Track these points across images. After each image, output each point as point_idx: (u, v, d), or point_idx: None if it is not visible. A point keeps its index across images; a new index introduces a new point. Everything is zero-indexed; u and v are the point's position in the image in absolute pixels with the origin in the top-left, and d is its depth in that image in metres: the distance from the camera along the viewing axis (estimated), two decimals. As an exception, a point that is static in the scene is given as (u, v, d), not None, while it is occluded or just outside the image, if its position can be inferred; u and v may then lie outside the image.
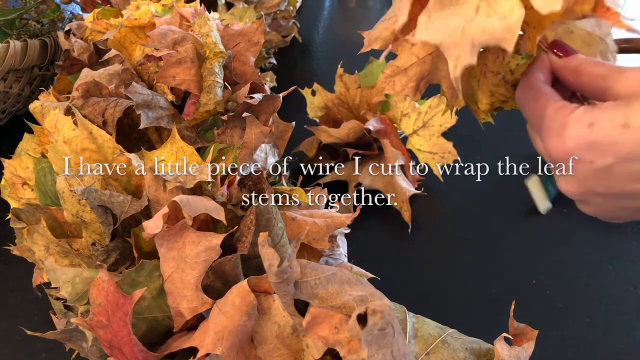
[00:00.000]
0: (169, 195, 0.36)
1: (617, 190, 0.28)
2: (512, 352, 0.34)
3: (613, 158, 0.27)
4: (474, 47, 0.27)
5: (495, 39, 0.26)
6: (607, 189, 0.28)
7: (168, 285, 0.33)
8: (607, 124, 0.27)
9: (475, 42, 0.27)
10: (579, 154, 0.28)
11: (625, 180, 0.28)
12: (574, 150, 0.28)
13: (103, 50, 0.53)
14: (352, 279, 0.30)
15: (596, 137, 0.27)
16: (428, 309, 0.50)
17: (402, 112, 0.61)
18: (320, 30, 1.04)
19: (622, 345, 0.46)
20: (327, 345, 0.28)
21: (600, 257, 0.54)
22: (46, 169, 0.42)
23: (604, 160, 0.27)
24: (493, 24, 0.27)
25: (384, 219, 0.60)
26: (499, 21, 0.27)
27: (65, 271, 0.35)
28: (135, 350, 0.31)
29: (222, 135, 0.46)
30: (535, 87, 0.31)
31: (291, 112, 0.59)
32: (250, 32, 0.53)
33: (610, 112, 0.27)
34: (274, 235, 0.36)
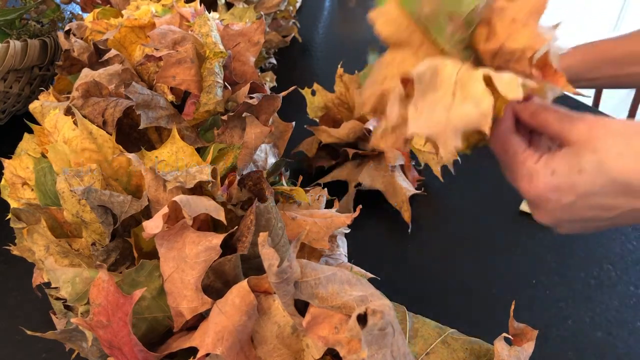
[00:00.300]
0: (169, 195, 0.36)
1: (580, 217, 0.36)
2: (512, 352, 0.34)
3: (574, 196, 0.34)
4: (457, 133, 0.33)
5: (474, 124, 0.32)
6: (573, 217, 0.36)
7: (168, 285, 0.33)
8: (566, 171, 0.34)
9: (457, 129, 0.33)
10: (547, 195, 0.35)
11: (585, 210, 0.35)
12: (543, 193, 0.35)
13: (103, 50, 0.53)
14: (352, 279, 0.30)
15: (559, 182, 0.34)
16: (428, 309, 0.50)
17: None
18: (320, 30, 1.04)
19: (623, 345, 0.46)
20: (327, 345, 0.28)
21: (600, 257, 0.54)
22: (46, 169, 0.42)
23: (567, 198, 0.35)
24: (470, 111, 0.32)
25: (384, 219, 0.60)
26: (474, 108, 0.32)
27: (65, 271, 0.35)
28: (135, 350, 0.31)
29: (222, 135, 0.46)
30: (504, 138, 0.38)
31: (291, 112, 0.59)
32: (250, 32, 0.53)
33: (568, 160, 0.34)
34: (274, 235, 0.36)
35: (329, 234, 0.41)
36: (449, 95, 0.34)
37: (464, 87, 0.34)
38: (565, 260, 0.54)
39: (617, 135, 0.33)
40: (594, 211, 0.35)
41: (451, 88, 0.34)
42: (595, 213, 0.35)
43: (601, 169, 0.33)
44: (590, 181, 0.33)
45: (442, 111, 0.34)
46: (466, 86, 0.34)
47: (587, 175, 0.33)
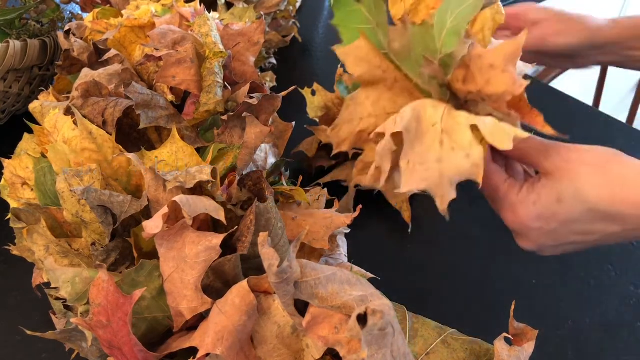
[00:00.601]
0: (169, 195, 0.36)
1: (563, 242, 0.38)
2: (512, 352, 0.34)
3: (556, 224, 0.36)
4: (452, 185, 0.33)
5: (468, 175, 0.33)
6: (556, 242, 0.38)
7: (168, 285, 0.33)
8: (546, 200, 0.36)
9: (452, 181, 0.33)
10: (530, 225, 0.37)
11: (567, 235, 0.37)
12: (526, 223, 0.37)
13: (103, 50, 0.53)
14: (352, 279, 0.30)
15: (540, 211, 0.36)
16: (428, 309, 0.50)
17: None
18: (320, 30, 1.04)
19: (623, 345, 0.46)
20: (327, 345, 0.28)
21: (601, 257, 0.54)
22: (46, 169, 0.42)
23: (550, 226, 0.37)
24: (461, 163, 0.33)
25: (384, 219, 0.60)
26: (465, 160, 0.33)
27: (65, 271, 0.35)
28: (135, 350, 0.31)
29: (222, 135, 0.46)
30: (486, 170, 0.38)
31: (291, 112, 0.59)
32: (250, 32, 0.53)
33: (547, 190, 0.36)
34: (274, 235, 0.36)
35: (329, 234, 0.41)
36: (437, 144, 0.34)
37: (451, 136, 0.34)
38: (565, 260, 0.54)
39: (590, 165, 0.35)
40: (575, 236, 0.37)
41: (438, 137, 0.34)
42: (577, 237, 0.37)
43: (578, 198, 0.34)
44: (569, 210, 0.35)
45: (434, 163, 0.34)
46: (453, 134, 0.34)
47: (566, 205, 0.35)
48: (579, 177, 0.35)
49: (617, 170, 0.34)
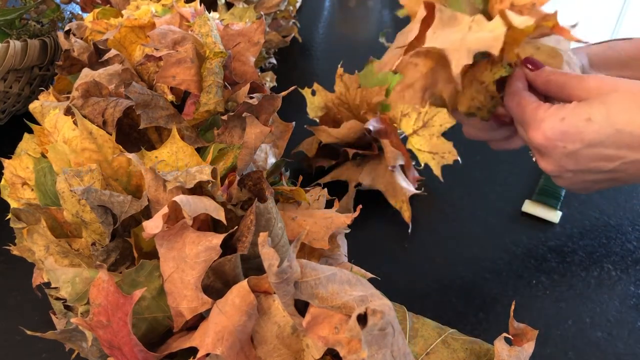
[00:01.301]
0: (169, 195, 0.36)
1: (583, 167, 0.37)
2: (512, 352, 0.34)
3: (580, 144, 0.36)
4: (470, 52, 0.35)
5: (486, 46, 0.35)
6: (576, 166, 0.38)
7: (168, 285, 0.33)
8: (575, 118, 0.36)
9: (471, 48, 0.35)
10: (554, 141, 0.37)
11: (589, 160, 0.37)
12: (551, 138, 0.37)
13: (103, 50, 0.53)
14: (352, 279, 0.30)
15: (567, 128, 0.36)
16: (428, 309, 0.50)
17: (402, 112, 0.61)
18: (320, 30, 1.04)
19: (623, 345, 0.46)
20: (327, 345, 0.28)
21: (600, 257, 0.54)
22: (46, 169, 0.42)
23: (573, 145, 0.36)
24: (484, 35, 0.36)
25: (384, 219, 0.60)
26: (488, 33, 0.36)
27: (65, 271, 0.35)
28: (135, 350, 0.31)
29: (222, 135, 0.46)
30: (517, 92, 0.41)
31: (291, 112, 0.59)
32: (250, 32, 0.53)
33: (577, 109, 0.36)
34: (274, 235, 0.36)
35: (329, 234, 0.41)
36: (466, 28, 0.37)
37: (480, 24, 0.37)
38: (565, 260, 0.54)
39: (625, 91, 0.35)
40: (597, 162, 0.37)
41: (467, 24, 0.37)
42: (598, 164, 0.37)
43: (609, 120, 0.35)
44: (597, 130, 0.35)
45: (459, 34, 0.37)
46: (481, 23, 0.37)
47: (595, 124, 0.35)
48: (612, 101, 0.35)
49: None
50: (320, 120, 0.67)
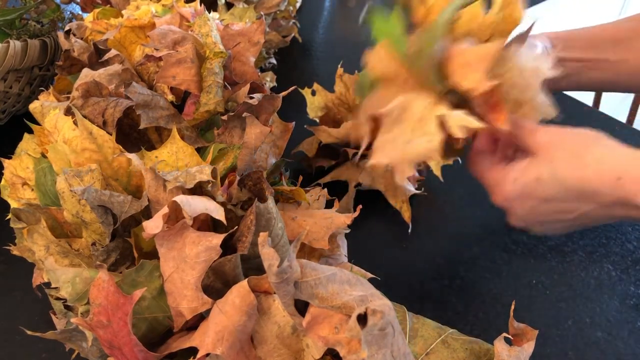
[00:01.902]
0: (169, 195, 0.36)
1: (547, 219, 0.40)
2: (512, 352, 0.34)
3: (536, 201, 0.39)
4: (411, 164, 0.39)
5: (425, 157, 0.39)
6: (539, 219, 0.40)
7: (168, 285, 0.33)
8: (526, 179, 0.38)
9: (411, 161, 0.39)
10: (511, 201, 0.40)
11: (549, 214, 0.39)
12: (508, 199, 0.40)
13: (103, 50, 0.53)
14: (352, 279, 0.30)
15: (520, 189, 0.39)
16: (428, 309, 0.50)
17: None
18: (320, 30, 1.04)
19: (623, 345, 0.46)
20: (327, 345, 0.28)
21: (600, 257, 0.54)
22: (46, 169, 0.42)
23: (529, 203, 0.39)
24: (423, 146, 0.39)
25: (384, 219, 0.60)
26: (427, 144, 0.39)
27: (65, 271, 0.35)
28: (135, 350, 0.31)
29: (222, 135, 0.46)
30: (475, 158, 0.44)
31: (291, 112, 0.59)
32: (250, 32, 0.53)
33: (527, 169, 0.38)
34: (274, 236, 0.36)
35: (329, 234, 0.41)
36: (409, 130, 0.40)
37: (423, 125, 0.40)
38: (565, 260, 0.54)
39: (569, 148, 0.37)
40: (556, 214, 0.39)
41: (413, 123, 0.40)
42: (557, 216, 0.39)
43: (556, 177, 0.37)
44: (547, 188, 0.37)
45: (401, 144, 0.40)
46: (425, 124, 0.40)
47: (544, 183, 0.37)
48: (558, 158, 0.37)
49: (593, 151, 0.36)
50: (320, 120, 0.67)
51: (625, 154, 0.35)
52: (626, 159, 0.35)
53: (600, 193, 0.36)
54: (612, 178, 0.35)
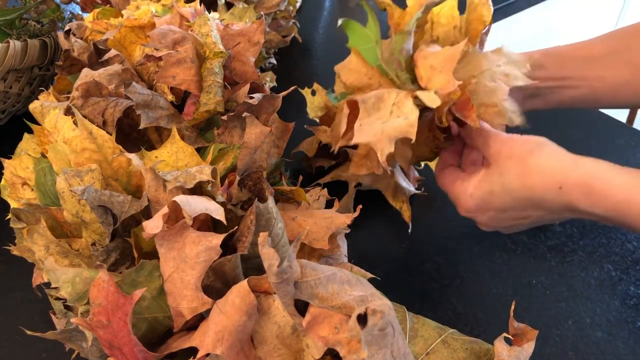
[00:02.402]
0: (169, 195, 0.36)
1: (507, 224, 0.43)
2: (512, 352, 0.34)
3: (493, 211, 0.42)
4: (391, 140, 0.40)
5: (403, 132, 0.40)
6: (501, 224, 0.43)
7: (168, 285, 0.33)
8: (480, 192, 0.41)
9: (391, 138, 0.40)
10: (472, 213, 0.44)
11: (507, 220, 0.42)
12: (469, 211, 0.44)
13: (103, 50, 0.53)
14: (352, 279, 0.30)
15: (476, 202, 0.42)
16: (428, 309, 0.50)
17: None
18: (320, 30, 1.04)
19: (624, 345, 0.46)
20: (327, 345, 0.28)
21: (600, 257, 0.54)
22: (46, 169, 0.42)
23: (488, 213, 0.42)
24: (400, 123, 0.40)
25: (384, 219, 0.60)
26: (404, 121, 0.40)
27: (65, 271, 0.35)
28: (135, 350, 0.31)
29: (222, 135, 0.46)
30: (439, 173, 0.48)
31: (291, 112, 0.59)
32: (250, 32, 0.53)
33: (480, 184, 0.41)
34: (274, 236, 0.36)
35: (329, 234, 0.41)
36: (388, 113, 0.42)
37: (399, 107, 0.41)
38: (565, 260, 0.54)
39: (517, 157, 0.39)
40: (514, 220, 0.42)
41: (390, 108, 0.42)
42: (516, 221, 0.42)
43: (505, 189, 0.39)
44: (499, 200, 0.40)
45: (380, 125, 0.41)
46: (401, 106, 0.41)
47: (496, 196, 0.40)
48: (507, 170, 0.39)
49: (536, 160, 0.38)
50: (320, 120, 0.67)
51: (566, 161, 0.37)
52: (566, 167, 0.36)
53: (547, 201, 0.38)
54: (554, 187, 0.37)
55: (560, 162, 0.37)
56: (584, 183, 0.36)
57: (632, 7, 1.55)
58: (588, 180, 0.35)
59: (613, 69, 0.50)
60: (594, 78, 0.51)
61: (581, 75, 0.51)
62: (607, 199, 0.35)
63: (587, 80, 0.51)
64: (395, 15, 0.49)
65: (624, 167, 0.36)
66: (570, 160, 0.37)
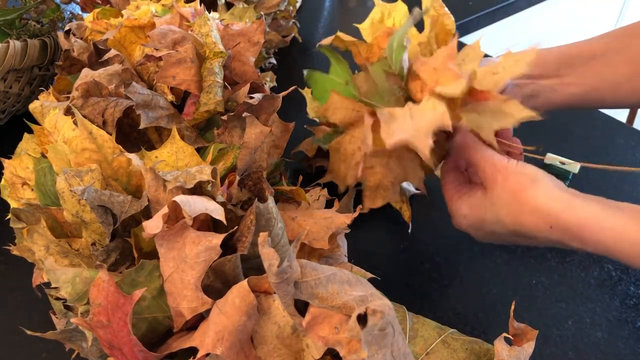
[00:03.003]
0: (169, 195, 0.36)
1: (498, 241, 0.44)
2: (512, 352, 0.34)
3: (484, 232, 0.44)
4: (428, 134, 0.38)
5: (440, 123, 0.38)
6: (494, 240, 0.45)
7: (168, 285, 0.33)
8: (473, 218, 0.43)
9: (427, 131, 0.38)
10: (466, 230, 0.45)
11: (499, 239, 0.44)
12: (464, 229, 0.45)
13: (103, 50, 0.53)
14: (352, 279, 0.30)
15: (470, 223, 0.44)
16: (428, 309, 0.50)
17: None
18: (320, 30, 1.04)
19: (624, 345, 0.46)
20: (327, 345, 0.28)
21: (601, 257, 0.54)
22: (46, 169, 0.42)
23: (480, 233, 0.44)
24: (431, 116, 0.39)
25: (384, 219, 0.60)
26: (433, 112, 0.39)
27: (65, 271, 0.35)
28: (135, 350, 0.31)
29: (222, 135, 0.46)
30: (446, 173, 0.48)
31: (291, 112, 0.59)
32: (250, 32, 0.53)
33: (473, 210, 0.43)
34: (274, 236, 0.36)
35: (329, 234, 0.41)
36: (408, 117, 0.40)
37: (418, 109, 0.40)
38: (565, 260, 0.54)
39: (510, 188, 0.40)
40: (505, 240, 0.44)
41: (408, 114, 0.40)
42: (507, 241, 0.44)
43: (497, 220, 0.41)
44: (491, 228, 0.42)
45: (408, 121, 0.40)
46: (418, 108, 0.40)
47: (488, 224, 0.42)
48: (499, 202, 0.40)
49: (529, 198, 0.39)
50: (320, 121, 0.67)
51: (558, 201, 0.38)
52: (557, 209, 0.37)
53: (537, 237, 0.39)
54: (545, 226, 0.38)
55: (552, 202, 0.38)
56: (574, 226, 0.37)
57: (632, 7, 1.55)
58: (578, 223, 0.37)
59: (613, 67, 0.50)
60: (594, 77, 0.51)
61: (581, 74, 0.51)
62: (596, 242, 0.36)
63: (587, 78, 0.51)
64: (362, 51, 0.49)
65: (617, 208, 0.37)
66: (562, 202, 0.38)
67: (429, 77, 0.42)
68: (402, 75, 0.45)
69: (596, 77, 0.51)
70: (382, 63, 0.47)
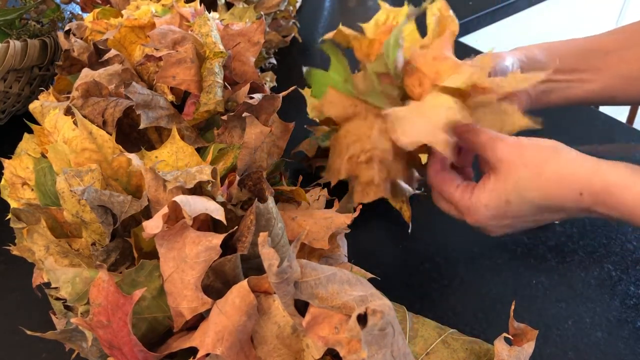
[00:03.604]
0: (169, 195, 0.36)
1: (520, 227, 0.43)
2: (512, 352, 0.34)
3: (509, 219, 0.42)
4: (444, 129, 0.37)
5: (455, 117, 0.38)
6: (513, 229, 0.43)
7: (168, 285, 0.33)
8: (496, 202, 0.40)
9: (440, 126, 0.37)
10: (486, 223, 0.43)
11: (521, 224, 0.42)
12: (483, 222, 0.43)
13: (103, 50, 0.53)
14: (352, 279, 0.30)
15: (492, 212, 0.41)
16: (428, 309, 0.50)
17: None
18: (320, 30, 1.04)
19: (624, 345, 0.46)
20: (327, 345, 0.28)
21: (600, 257, 0.54)
22: (46, 169, 0.42)
23: (504, 222, 0.42)
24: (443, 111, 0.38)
25: (384, 219, 0.60)
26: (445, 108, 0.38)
27: (65, 271, 0.35)
28: (135, 350, 0.31)
29: (222, 135, 0.46)
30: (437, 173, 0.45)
31: (291, 112, 0.59)
32: (250, 32, 0.53)
33: (495, 194, 0.40)
34: (274, 236, 0.36)
35: (329, 234, 0.41)
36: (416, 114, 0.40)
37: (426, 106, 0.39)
38: (565, 260, 0.54)
39: (529, 166, 0.38)
40: (528, 223, 0.43)
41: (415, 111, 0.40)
42: (529, 224, 0.43)
43: (523, 199, 0.39)
44: (517, 209, 0.40)
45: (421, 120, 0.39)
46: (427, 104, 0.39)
47: (514, 205, 0.40)
48: (521, 180, 0.39)
49: (553, 168, 0.37)
50: (320, 120, 0.67)
51: (585, 168, 0.37)
52: (586, 175, 0.37)
53: (566, 207, 0.38)
54: (574, 194, 0.37)
55: (579, 169, 0.37)
56: (603, 191, 0.36)
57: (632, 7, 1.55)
58: (607, 186, 0.36)
59: (627, 63, 0.50)
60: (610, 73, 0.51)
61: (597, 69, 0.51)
62: (624, 205, 0.36)
63: (603, 74, 0.51)
64: (363, 46, 0.49)
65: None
66: (589, 167, 0.37)
67: (428, 68, 0.42)
68: (397, 74, 0.45)
69: (611, 73, 0.51)
70: (378, 63, 0.46)
